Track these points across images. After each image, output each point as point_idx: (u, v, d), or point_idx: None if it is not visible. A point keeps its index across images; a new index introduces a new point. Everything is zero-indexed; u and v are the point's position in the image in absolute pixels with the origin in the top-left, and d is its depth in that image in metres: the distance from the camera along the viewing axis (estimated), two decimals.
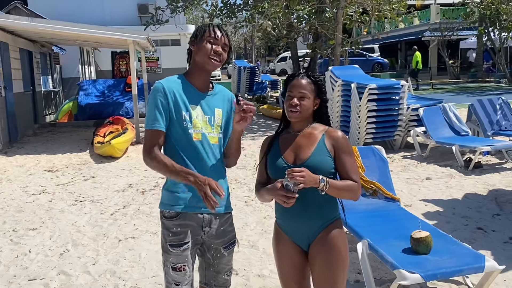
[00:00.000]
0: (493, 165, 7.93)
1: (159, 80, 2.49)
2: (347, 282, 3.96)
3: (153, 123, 2.39)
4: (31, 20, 10.97)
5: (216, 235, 2.53)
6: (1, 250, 5.00)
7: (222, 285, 2.64)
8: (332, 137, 2.40)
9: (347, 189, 2.34)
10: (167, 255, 2.44)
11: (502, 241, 4.76)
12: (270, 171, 2.47)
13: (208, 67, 2.46)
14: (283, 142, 2.49)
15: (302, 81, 2.41)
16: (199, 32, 2.45)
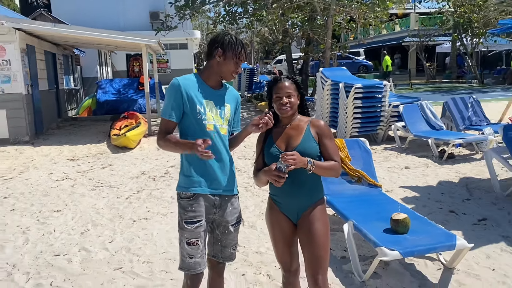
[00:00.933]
0: (465, 156, 7.94)
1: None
2: (335, 258, 4.00)
3: (169, 114, 2.47)
4: (55, 25, 10.92)
5: (225, 214, 2.58)
6: (29, 229, 5.02)
7: (228, 257, 2.67)
8: (316, 126, 2.56)
9: (329, 168, 2.48)
10: (183, 231, 2.48)
11: (472, 223, 4.79)
12: (267, 159, 2.58)
13: (227, 79, 2.57)
14: (275, 134, 2.60)
15: (285, 83, 2.55)
16: (231, 48, 2.47)
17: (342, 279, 3.65)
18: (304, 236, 2.51)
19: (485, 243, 4.21)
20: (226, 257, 2.67)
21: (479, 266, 3.79)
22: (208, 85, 2.54)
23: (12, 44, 9.86)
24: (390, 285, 3.52)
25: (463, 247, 3.50)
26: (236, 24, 16.87)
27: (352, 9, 14.59)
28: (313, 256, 2.47)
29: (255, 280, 3.68)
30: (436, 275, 3.66)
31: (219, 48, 2.48)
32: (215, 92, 2.56)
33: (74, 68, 17.56)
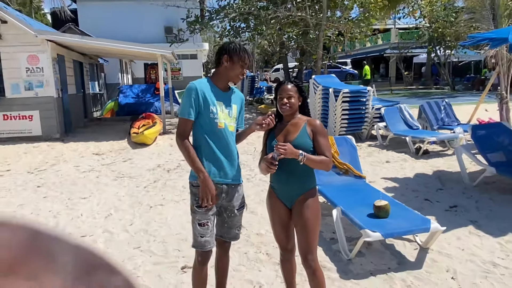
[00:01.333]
0: (438, 152, 7.94)
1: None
2: (325, 240, 4.01)
3: (188, 114, 2.46)
4: (82, 38, 10.91)
5: (232, 200, 2.60)
6: (59, 214, 5.03)
7: (233, 237, 2.70)
8: (311, 125, 2.55)
9: (320, 161, 2.47)
10: (195, 214, 2.50)
11: (444, 209, 4.80)
12: (268, 150, 2.59)
13: (234, 82, 2.59)
14: (277, 129, 2.62)
15: (287, 86, 2.56)
16: (236, 55, 2.49)
17: (331, 257, 3.66)
18: (297, 220, 2.52)
19: (456, 227, 4.22)
20: (232, 237, 2.69)
21: (450, 246, 3.80)
22: (218, 88, 2.55)
23: (44, 53, 9.85)
24: (373, 263, 3.52)
25: (437, 230, 3.52)
26: (239, 37, 16.82)
27: (341, 24, 14.57)
28: (304, 239, 2.48)
29: (256, 257, 3.69)
30: (413, 254, 3.67)
31: (225, 54, 2.50)
32: (224, 94, 2.57)
33: (99, 75, 17.52)
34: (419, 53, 28.88)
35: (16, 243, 0.26)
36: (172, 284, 3.29)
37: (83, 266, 0.27)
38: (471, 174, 6.03)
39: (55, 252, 0.27)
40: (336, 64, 26.65)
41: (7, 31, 9.60)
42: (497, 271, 3.33)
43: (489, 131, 5.87)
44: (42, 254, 0.26)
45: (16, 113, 9.93)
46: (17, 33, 9.60)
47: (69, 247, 0.28)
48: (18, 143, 9.62)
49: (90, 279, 0.26)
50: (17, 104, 9.88)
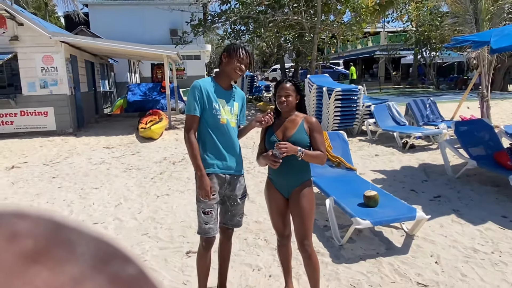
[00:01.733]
0: (423, 146, 7.95)
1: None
2: (319, 227, 4.02)
3: (193, 110, 2.47)
4: (93, 39, 10.84)
5: (235, 189, 2.60)
6: (73, 202, 5.03)
7: (236, 224, 2.70)
8: (308, 122, 2.54)
9: (316, 156, 2.47)
10: (199, 203, 2.49)
11: (428, 199, 4.81)
12: (267, 144, 2.59)
13: (232, 77, 2.54)
14: (276, 125, 2.60)
15: (286, 85, 2.53)
16: (232, 50, 2.49)
17: (324, 243, 3.67)
18: (293, 209, 2.52)
19: (439, 215, 4.24)
20: (234, 224, 2.69)
21: (434, 233, 3.81)
22: (221, 86, 2.55)
23: (58, 54, 9.80)
24: (363, 248, 3.54)
25: (422, 218, 3.52)
26: (239, 39, 16.75)
27: (334, 28, 14.52)
28: (300, 226, 2.48)
29: (255, 243, 3.70)
30: (400, 240, 3.69)
31: (224, 53, 2.52)
32: (226, 93, 2.56)
33: (109, 74, 17.45)
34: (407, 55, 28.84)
35: (38, 233, 0.26)
36: (177, 267, 3.30)
37: (100, 255, 0.27)
38: (454, 167, 6.03)
39: (74, 242, 0.27)
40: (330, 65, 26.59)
41: (23, 33, 9.54)
42: (477, 256, 3.34)
43: (471, 127, 5.87)
44: (64, 244, 0.26)
45: (32, 109, 9.90)
46: (33, 35, 9.55)
47: (88, 238, 0.28)
48: (34, 137, 9.60)
49: (107, 267, 0.26)
50: (33, 101, 9.85)
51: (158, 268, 3.28)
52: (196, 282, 2.78)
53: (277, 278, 3.06)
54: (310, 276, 2.57)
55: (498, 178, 5.37)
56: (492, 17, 8.44)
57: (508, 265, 3.17)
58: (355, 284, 2.96)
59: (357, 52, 32.94)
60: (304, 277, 2.73)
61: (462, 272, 3.10)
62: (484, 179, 5.50)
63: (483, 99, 8.06)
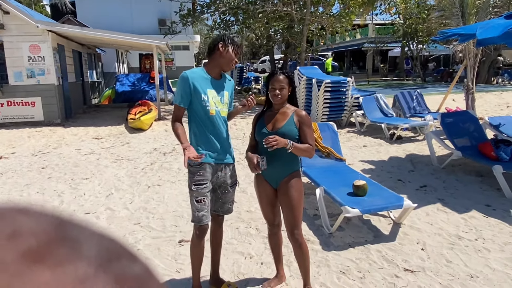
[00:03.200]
0: (410, 137, 8.06)
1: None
2: (309, 216, 4.08)
3: (179, 101, 2.49)
4: (81, 28, 10.66)
5: (225, 177, 2.63)
6: (63, 193, 4.99)
7: (227, 211, 2.74)
8: (298, 115, 2.55)
9: (305, 149, 2.49)
10: (192, 192, 2.51)
11: (415, 189, 4.90)
12: (257, 135, 2.61)
13: (227, 69, 2.55)
14: (267, 117, 2.61)
15: (280, 77, 2.52)
16: (229, 43, 2.49)
17: (314, 231, 3.73)
18: (282, 199, 2.55)
19: (425, 204, 4.33)
20: (225, 211, 2.73)
21: (420, 222, 3.90)
22: (211, 76, 2.54)
23: (45, 43, 9.61)
24: (352, 236, 3.61)
25: (409, 207, 3.61)
26: (229, 30, 16.63)
27: (323, 19, 14.53)
28: (289, 216, 2.52)
29: (246, 232, 3.75)
30: (387, 228, 3.77)
31: (220, 42, 2.50)
32: (217, 82, 2.56)
33: (97, 64, 17.18)
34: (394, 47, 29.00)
35: (41, 231, 0.25)
36: (170, 255, 3.33)
37: (105, 254, 0.26)
38: (440, 157, 6.15)
39: (79, 241, 0.26)
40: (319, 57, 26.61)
41: (9, 21, 9.33)
42: (461, 243, 3.45)
43: (456, 118, 5.98)
44: (67, 242, 0.25)
45: (19, 100, 9.73)
46: (20, 23, 9.34)
47: (92, 236, 0.27)
48: (21, 127, 9.44)
49: (112, 266, 0.26)
50: (20, 91, 9.67)
51: (152, 257, 3.30)
52: (189, 270, 2.82)
53: (268, 265, 3.12)
54: (300, 263, 2.63)
55: (482, 168, 5.50)
56: (478, 11, 8.55)
57: (490, 252, 3.28)
58: (344, 270, 3.04)
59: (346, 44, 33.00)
60: (295, 264, 2.79)
61: (447, 258, 3.20)
62: (468, 169, 5.63)
63: (468, 92, 8.21)
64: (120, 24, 22.36)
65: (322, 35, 16.35)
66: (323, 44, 24.87)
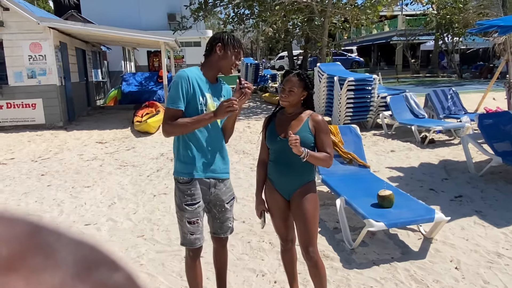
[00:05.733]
0: (444, 141, 7.91)
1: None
2: (328, 229, 4.03)
3: (177, 104, 2.35)
4: (84, 25, 10.88)
5: (221, 194, 2.55)
6: (63, 202, 5.07)
7: (227, 231, 2.66)
8: (314, 120, 2.49)
9: (321, 159, 2.44)
10: (183, 212, 2.42)
11: (449, 199, 4.80)
12: (267, 142, 2.57)
13: (226, 73, 2.48)
14: (278, 121, 2.56)
15: (293, 78, 2.46)
16: (229, 43, 2.40)
17: (334, 246, 3.68)
18: (296, 213, 2.51)
19: (460, 217, 4.23)
20: (226, 231, 2.66)
21: (454, 237, 3.81)
22: (207, 79, 2.46)
23: (47, 41, 9.84)
24: (376, 252, 3.54)
25: (441, 220, 3.52)
26: (243, 24, 16.72)
27: (346, 11, 14.43)
28: (303, 231, 2.48)
29: (259, 246, 3.72)
30: (416, 244, 3.69)
31: (219, 43, 2.40)
32: (213, 86, 2.48)
33: (102, 63, 17.51)
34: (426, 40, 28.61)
35: (14, 238, 0.25)
36: (175, 272, 3.33)
37: (84, 262, 0.26)
38: (477, 164, 6.01)
39: (55, 248, 0.26)
40: (342, 52, 26.42)
41: (9, 18, 9.59)
42: (501, 262, 3.34)
43: (496, 120, 5.83)
44: (41, 250, 0.25)
45: (19, 101, 9.98)
46: (20, 20, 9.59)
47: (70, 242, 0.27)
48: (21, 131, 9.67)
49: (91, 275, 0.26)
50: (20, 92, 9.92)
51: (155, 273, 3.31)
52: None
53: (282, 284, 3.08)
54: (316, 285, 2.57)
55: None
56: None
57: None
58: None
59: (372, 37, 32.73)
60: (312, 284, 2.75)
61: (485, 279, 3.10)
62: (510, 177, 5.47)
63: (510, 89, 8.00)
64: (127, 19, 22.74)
65: (345, 28, 16.24)
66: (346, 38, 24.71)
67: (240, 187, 5.25)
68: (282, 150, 2.44)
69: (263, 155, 2.65)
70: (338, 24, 16.05)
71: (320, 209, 4.42)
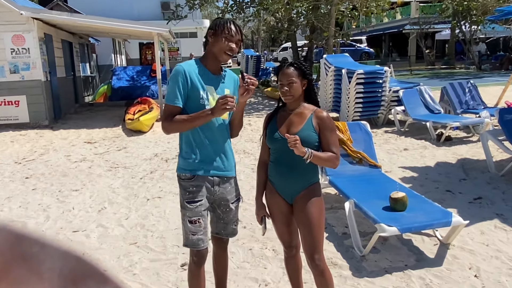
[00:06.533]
0: (461, 138, 7.90)
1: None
2: (336, 235, 4.03)
3: (174, 100, 2.40)
4: (71, 15, 10.90)
5: (225, 193, 2.58)
6: (49, 207, 5.08)
7: (231, 233, 2.70)
8: (318, 117, 2.47)
9: (327, 159, 2.43)
10: (185, 211, 2.48)
11: (467, 201, 4.79)
12: (268, 141, 2.57)
13: (221, 59, 2.46)
14: (279, 118, 2.56)
15: (287, 70, 2.45)
16: (218, 27, 2.40)
17: (343, 253, 3.68)
18: (300, 218, 2.50)
19: (480, 220, 4.22)
20: (229, 233, 2.69)
21: (473, 242, 3.80)
22: (209, 70, 2.48)
23: (30, 33, 9.86)
24: (389, 259, 3.54)
25: (459, 224, 3.52)
26: (243, 13, 16.72)
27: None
28: (308, 237, 2.46)
29: (261, 254, 3.72)
30: (432, 250, 3.68)
31: (209, 30, 2.45)
32: (215, 78, 2.50)
33: (90, 56, 17.54)
34: (442, 29, 28.56)
35: None
36: (171, 282, 3.34)
37: (70, 274, 0.26)
38: (498, 162, 6.00)
39: (39, 259, 0.26)
40: (350, 42, 26.41)
41: None
42: None
43: None
44: (25, 261, 0.25)
45: (1, 99, 10.00)
46: (1, 10, 9.60)
47: (55, 253, 0.27)
48: (3, 130, 9.70)
49: None
50: (2, 89, 9.94)
51: (149, 283, 3.32)
52: None
53: None
54: None
55: None
56: None
57: None
58: None
59: (383, 26, 32.71)
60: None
61: (507, 287, 3.10)
62: None
63: None
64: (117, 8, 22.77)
65: (354, 16, 16.22)
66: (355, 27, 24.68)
67: (241, 189, 5.17)
68: (284, 150, 2.43)
69: (264, 155, 2.66)
70: (346, 12, 16.03)
71: (328, 213, 4.43)
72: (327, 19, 14.48)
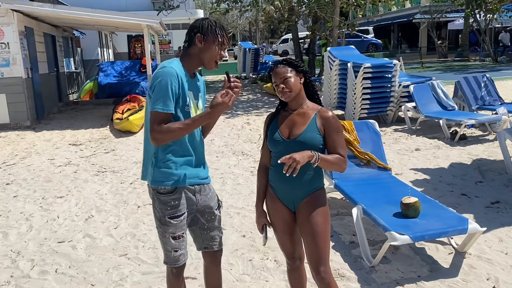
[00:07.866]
0: (477, 137, 7.91)
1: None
2: (343, 243, 4.03)
3: (168, 107, 2.26)
4: (53, 6, 10.88)
5: (208, 200, 2.56)
6: (32, 216, 5.07)
7: (220, 242, 2.66)
8: (323, 117, 2.46)
9: (334, 162, 2.41)
10: (166, 227, 2.41)
11: (484, 206, 4.79)
12: (269, 144, 2.55)
13: (208, 67, 2.43)
14: (281, 119, 2.55)
15: (277, 69, 2.46)
16: (210, 33, 2.34)
17: (351, 264, 3.68)
18: (303, 227, 2.49)
19: (498, 226, 4.22)
20: (219, 242, 2.65)
21: (491, 250, 3.80)
22: (188, 74, 2.41)
23: (10, 26, 9.85)
24: (400, 270, 3.54)
25: (475, 231, 3.51)
26: (240, 2, 16.73)
27: None
28: (312, 248, 2.45)
29: (262, 265, 3.72)
30: (447, 259, 3.68)
31: (198, 33, 2.35)
32: (192, 82, 2.45)
33: (75, 51, 17.53)
34: (455, 18, 28.58)
35: None
36: None
37: None
38: None
39: None
40: (356, 33, 26.42)
41: None
42: None
43: None
44: None
45: None
46: None
47: None
48: None
49: None
50: None
51: None
52: None
53: None
54: None
55: None
56: None
57: None
58: None
59: (392, 15, 32.73)
60: None
61: None
62: None
63: None
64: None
65: (360, 5, 16.23)
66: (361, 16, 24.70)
67: (240, 194, 5.23)
68: (286, 153, 2.41)
69: (265, 159, 2.65)
70: (351, 1, 16.03)
71: (334, 220, 4.43)
72: (331, 8, 14.49)
